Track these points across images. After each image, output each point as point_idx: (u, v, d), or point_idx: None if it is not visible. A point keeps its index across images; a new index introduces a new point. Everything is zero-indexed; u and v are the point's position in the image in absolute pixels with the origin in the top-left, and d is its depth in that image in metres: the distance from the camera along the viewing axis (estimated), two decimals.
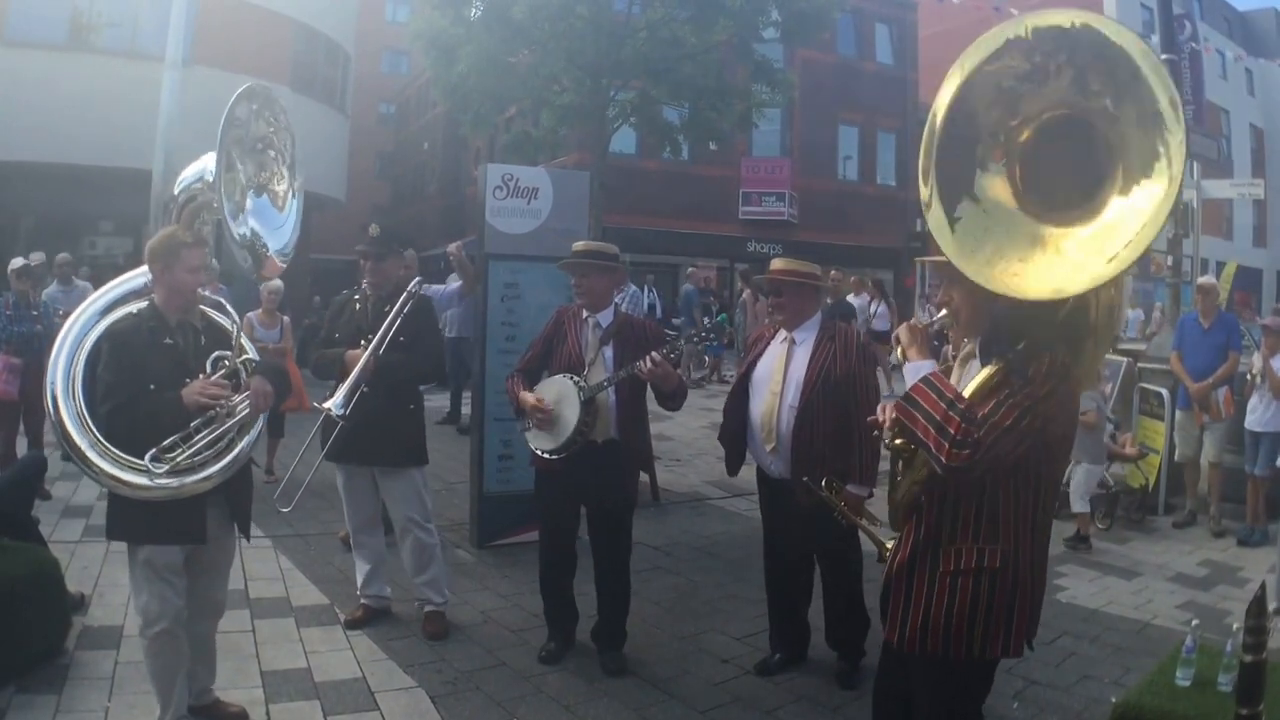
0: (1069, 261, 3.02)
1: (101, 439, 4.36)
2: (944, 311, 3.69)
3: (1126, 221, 2.91)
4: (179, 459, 4.35)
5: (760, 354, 5.72)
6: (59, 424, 4.43)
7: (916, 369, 3.43)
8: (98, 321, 4.69)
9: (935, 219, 3.34)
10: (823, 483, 4.58)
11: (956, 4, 17.78)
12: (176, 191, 5.37)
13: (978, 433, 3.14)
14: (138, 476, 4.32)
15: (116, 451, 4.34)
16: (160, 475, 4.31)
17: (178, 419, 4.36)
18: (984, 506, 3.35)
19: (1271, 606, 6.81)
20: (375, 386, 5.91)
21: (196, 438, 4.40)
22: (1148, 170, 2.89)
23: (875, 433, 3.74)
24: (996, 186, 3.28)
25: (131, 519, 4.43)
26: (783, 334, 5.65)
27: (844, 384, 5.30)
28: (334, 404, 5.71)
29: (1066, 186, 3.15)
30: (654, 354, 5.40)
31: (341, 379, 5.92)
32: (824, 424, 5.30)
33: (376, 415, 5.93)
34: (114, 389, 4.34)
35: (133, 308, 4.64)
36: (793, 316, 5.61)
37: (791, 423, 5.38)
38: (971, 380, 3.44)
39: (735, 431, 5.75)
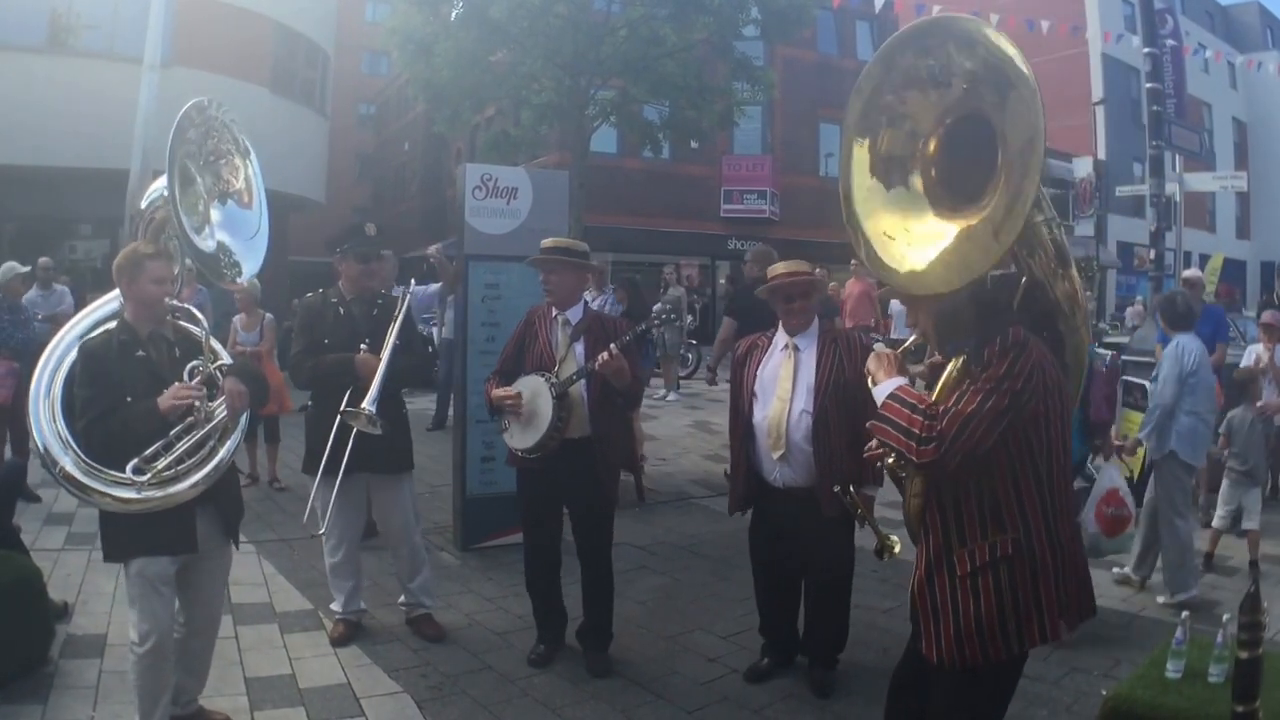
0: (975, 247, 3.24)
1: (83, 456, 4.33)
2: (915, 335, 3.77)
3: (1007, 196, 3.15)
4: (161, 468, 4.32)
5: (759, 362, 5.58)
6: (44, 449, 4.40)
7: (884, 389, 3.51)
8: (76, 344, 4.66)
9: (865, 248, 3.69)
10: (849, 489, 4.54)
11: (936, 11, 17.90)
12: (144, 206, 5.32)
13: (940, 425, 3.22)
14: (124, 490, 4.28)
15: (99, 467, 4.31)
16: (146, 486, 4.27)
17: (156, 427, 4.34)
18: (984, 501, 3.36)
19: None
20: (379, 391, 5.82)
21: (177, 445, 4.38)
22: (1018, 139, 3.14)
23: (878, 465, 3.80)
24: (915, 185, 3.57)
25: (122, 535, 4.41)
26: (783, 340, 5.52)
27: (854, 388, 5.08)
28: (369, 404, 5.58)
29: (971, 179, 3.35)
30: (612, 345, 5.40)
31: (359, 385, 5.81)
32: (840, 430, 5.18)
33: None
34: (90, 403, 4.31)
35: (106, 326, 4.62)
36: (805, 321, 5.51)
37: (808, 430, 5.28)
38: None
39: (748, 456, 5.59)
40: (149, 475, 4.28)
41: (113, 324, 4.61)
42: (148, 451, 4.30)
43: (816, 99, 35.50)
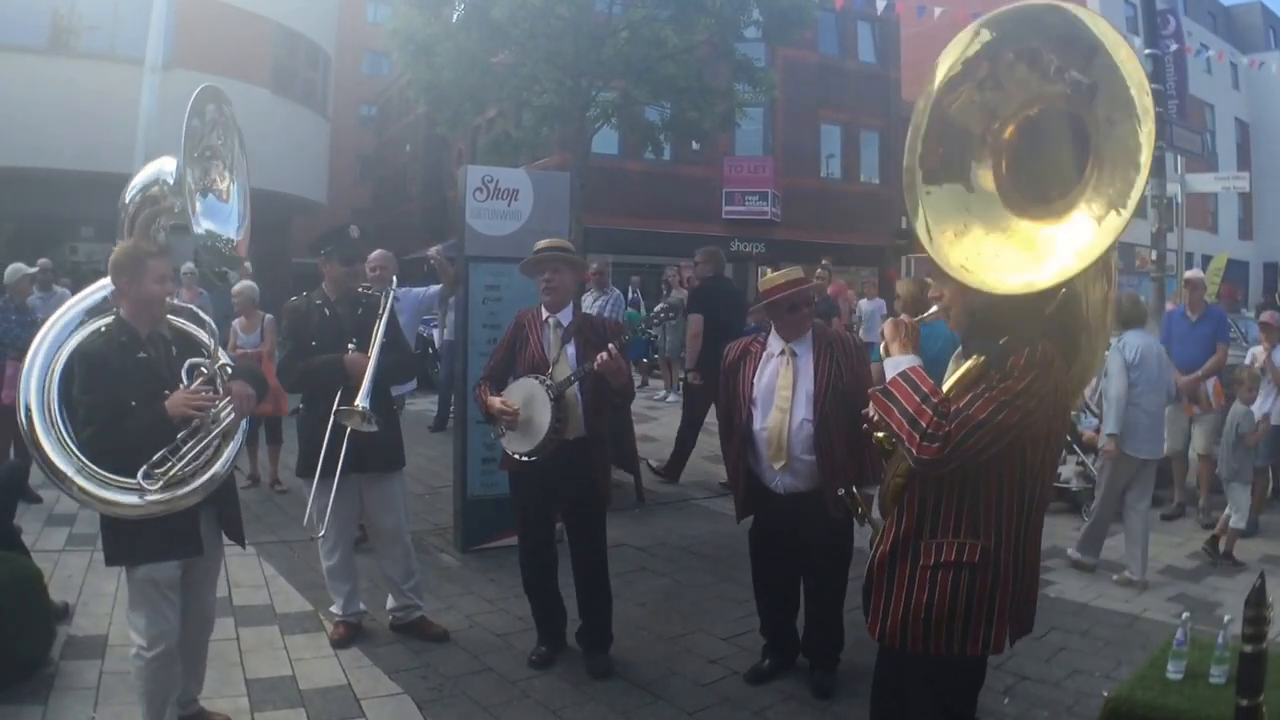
0: (1040, 255, 3.04)
1: (88, 464, 4.28)
2: (935, 307, 3.71)
3: (1095, 215, 2.94)
4: (170, 473, 4.29)
5: (754, 369, 5.52)
6: (40, 453, 4.34)
7: (896, 364, 3.45)
8: (66, 340, 4.59)
9: (920, 221, 3.39)
10: (853, 490, 4.52)
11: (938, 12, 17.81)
12: (128, 199, 5.28)
13: (949, 426, 3.17)
14: (130, 496, 4.25)
15: (105, 474, 4.26)
16: (153, 492, 4.24)
17: (163, 433, 4.30)
18: (965, 501, 3.36)
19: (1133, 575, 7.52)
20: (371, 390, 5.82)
21: (184, 449, 4.34)
22: (1119, 160, 2.91)
23: (864, 427, 3.75)
24: (983, 181, 3.30)
25: (127, 540, 4.36)
26: (779, 346, 5.48)
27: (853, 391, 5.12)
28: (362, 399, 5.61)
29: (1048, 181, 3.16)
30: (611, 345, 5.40)
31: (349, 384, 5.81)
32: (840, 433, 5.17)
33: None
34: (95, 411, 4.26)
35: (100, 324, 4.54)
36: (806, 327, 5.49)
37: (809, 438, 5.26)
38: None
39: (746, 461, 5.56)
40: (158, 480, 4.25)
41: (108, 321, 4.53)
42: (155, 457, 4.26)
43: (818, 100, 35.51)
